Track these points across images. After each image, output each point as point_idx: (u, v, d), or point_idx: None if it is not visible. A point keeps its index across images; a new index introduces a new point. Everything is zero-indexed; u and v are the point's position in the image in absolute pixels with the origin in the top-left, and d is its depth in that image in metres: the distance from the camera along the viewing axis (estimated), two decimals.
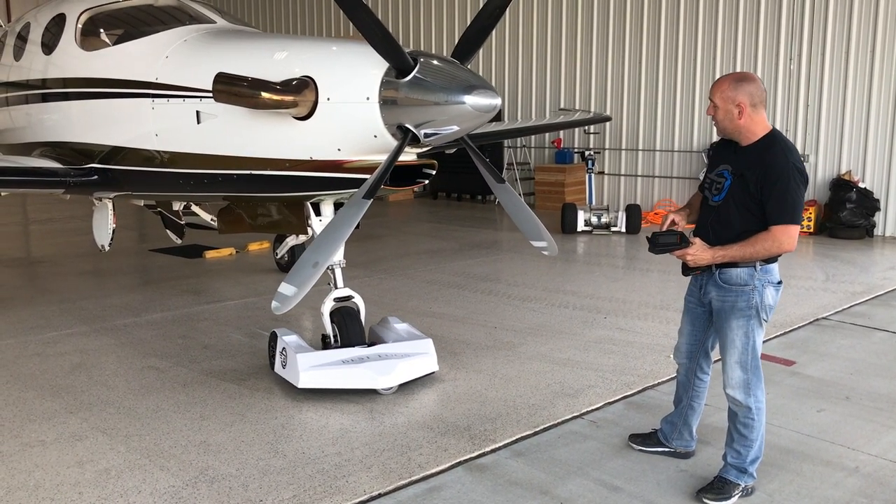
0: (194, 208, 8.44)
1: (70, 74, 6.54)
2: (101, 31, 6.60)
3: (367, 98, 4.34)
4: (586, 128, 13.59)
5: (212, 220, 8.63)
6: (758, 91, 3.60)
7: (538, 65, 14.78)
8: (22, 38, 7.43)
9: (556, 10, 14.32)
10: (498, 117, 14.96)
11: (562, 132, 14.37)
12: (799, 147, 11.56)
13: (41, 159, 6.73)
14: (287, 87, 4.49)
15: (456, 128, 4.39)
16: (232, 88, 4.58)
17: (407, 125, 4.32)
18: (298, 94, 4.48)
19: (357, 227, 4.84)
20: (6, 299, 7.81)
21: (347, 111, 4.45)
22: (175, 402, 5.02)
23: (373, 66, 4.34)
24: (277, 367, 5.31)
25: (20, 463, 4.16)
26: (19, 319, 7.04)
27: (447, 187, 15.90)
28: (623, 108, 13.62)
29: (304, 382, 4.99)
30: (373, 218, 13.49)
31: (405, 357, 5.21)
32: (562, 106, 14.32)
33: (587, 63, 14.03)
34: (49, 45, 6.89)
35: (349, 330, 5.27)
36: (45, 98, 6.91)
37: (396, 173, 4.55)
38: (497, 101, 4.31)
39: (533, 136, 15.00)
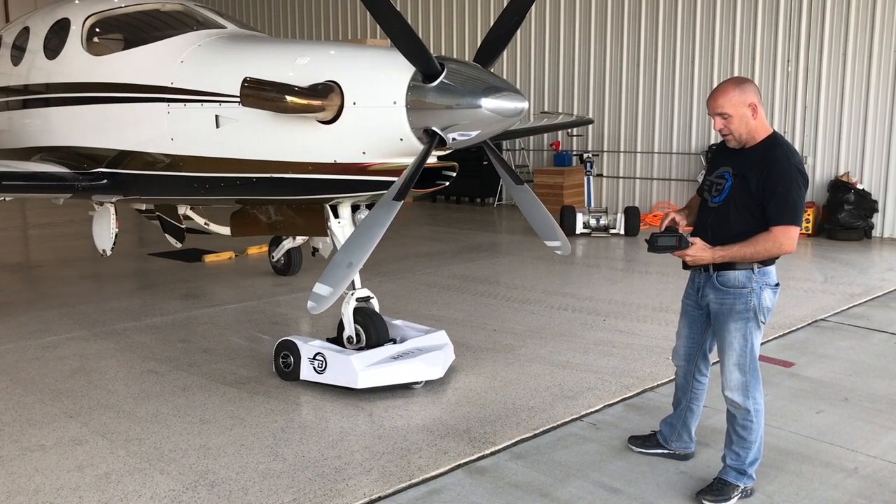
0: (189, 212, 8.45)
1: (76, 79, 6.54)
2: (110, 35, 6.61)
3: (395, 102, 4.37)
4: (569, 130, 13.62)
5: (206, 224, 8.65)
6: (757, 91, 3.64)
7: (536, 67, 14.81)
8: (20, 44, 7.41)
9: (554, 13, 14.35)
10: None
11: (559, 135, 14.40)
12: (797, 148, 11.54)
13: (43, 164, 6.72)
14: (314, 91, 4.54)
15: (483, 131, 4.44)
16: (260, 93, 4.61)
17: (434, 128, 4.36)
18: (325, 98, 4.52)
19: None
20: (6, 304, 7.81)
21: (374, 115, 4.49)
22: (175, 405, 5.02)
23: (400, 71, 4.38)
24: (307, 374, 5.27)
25: (20, 467, 4.16)
26: (19, 324, 7.04)
27: (446, 190, 15.86)
28: (621, 111, 13.65)
29: (363, 382, 5.03)
30: None
31: (441, 347, 5.40)
32: (560, 109, 14.34)
33: (585, 65, 14.06)
34: (52, 50, 6.88)
35: (377, 328, 5.36)
36: (46, 103, 6.90)
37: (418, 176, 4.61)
38: (524, 105, 4.36)
39: (532, 139, 15.02)
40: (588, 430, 4.61)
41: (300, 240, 7.98)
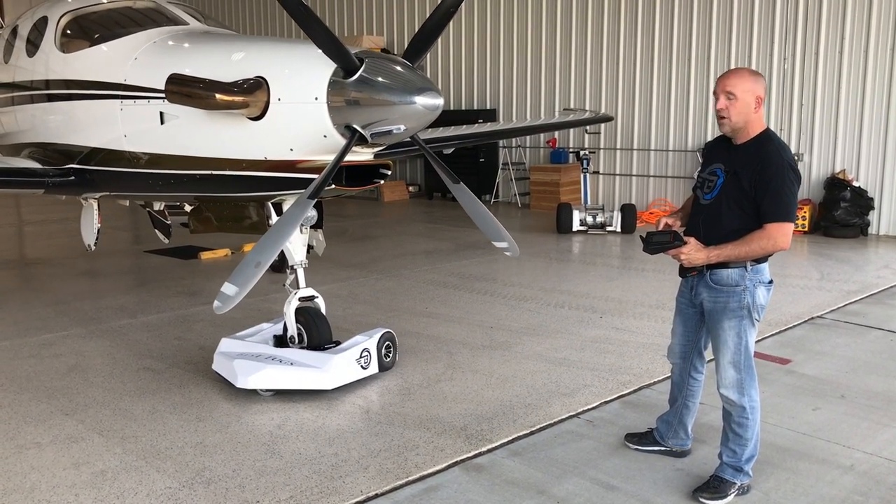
0: (187, 207, 8.42)
1: (50, 76, 6.60)
2: (79, 33, 6.64)
3: (316, 98, 4.37)
4: (587, 128, 13.64)
5: None
6: (765, 90, 3.70)
7: (533, 64, 14.80)
8: (11, 41, 7.49)
9: (551, 9, 14.34)
10: (493, 117, 15.01)
11: (556, 132, 14.40)
12: (793, 146, 11.60)
13: (26, 160, 6.78)
14: (239, 87, 4.54)
15: (402, 127, 4.40)
16: (183, 89, 4.66)
17: (354, 125, 4.35)
18: (250, 94, 4.52)
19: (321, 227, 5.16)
20: (1, 301, 7.79)
21: (298, 111, 4.49)
22: (171, 403, 5.01)
23: (321, 67, 4.37)
24: None
25: (16, 465, 4.15)
26: (14, 321, 7.03)
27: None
28: (618, 108, 13.65)
29: (214, 364, 5.27)
30: (368, 218, 13.49)
31: (287, 365, 5.06)
32: (564, 106, 14.31)
33: (582, 63, 14.06)
34: (33, 48, 6.95)
35: (318, 329, 5.30)
36: (30, 100, 6.95)
37: (353, 173, 4.59)
38: (440, 101, 4.33)
39: (528, 136, 15.02)
40: (585, 428, 4.61)
41: None
